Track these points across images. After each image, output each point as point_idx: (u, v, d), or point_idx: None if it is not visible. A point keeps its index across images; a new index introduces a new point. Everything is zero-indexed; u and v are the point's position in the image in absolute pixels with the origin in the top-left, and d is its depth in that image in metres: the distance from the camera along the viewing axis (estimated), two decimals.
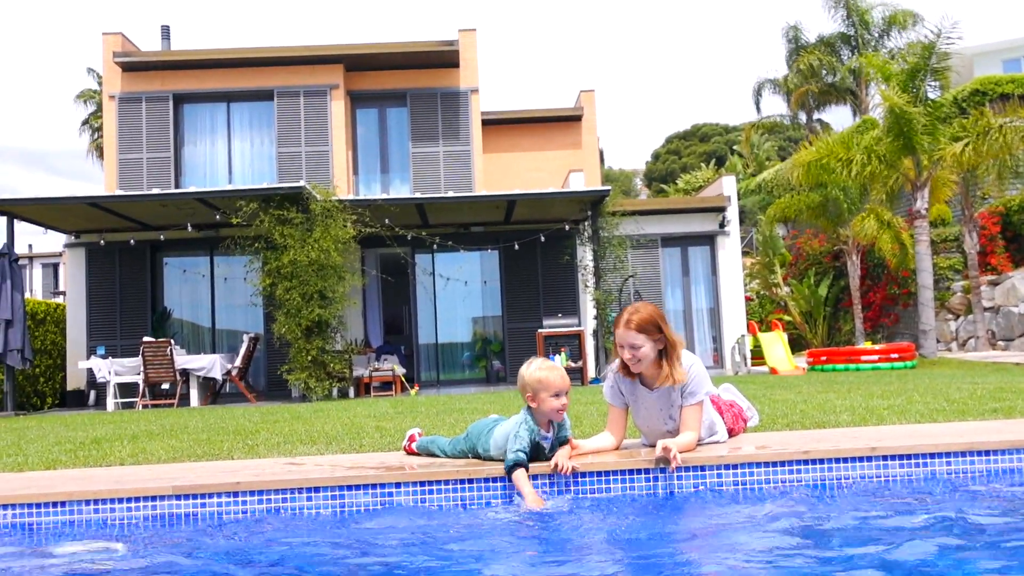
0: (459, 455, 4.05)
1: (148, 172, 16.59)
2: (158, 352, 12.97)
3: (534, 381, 3.73)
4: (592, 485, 3.70)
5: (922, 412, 5.62)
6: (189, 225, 14.24)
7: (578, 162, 18.98)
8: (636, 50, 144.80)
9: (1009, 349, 15.49)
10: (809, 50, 27.90)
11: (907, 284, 17.81)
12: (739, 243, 16.92)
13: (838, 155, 15.27)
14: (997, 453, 3.80)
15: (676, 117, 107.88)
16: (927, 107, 14.59)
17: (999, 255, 16.96)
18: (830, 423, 5.22)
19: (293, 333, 12.71)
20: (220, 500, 3.61)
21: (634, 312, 3.84)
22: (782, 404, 6.92)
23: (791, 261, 22.46)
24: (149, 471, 4.26)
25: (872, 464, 3.79)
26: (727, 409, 4.39)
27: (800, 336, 20.59)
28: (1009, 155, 14.23)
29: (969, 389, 7.56)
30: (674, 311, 16.86)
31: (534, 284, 15.94)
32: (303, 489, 3.65)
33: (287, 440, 5.72)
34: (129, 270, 15.55)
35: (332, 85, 16.80)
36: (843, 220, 17.97)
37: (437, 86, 17.29)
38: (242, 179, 16.93)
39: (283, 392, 14.74)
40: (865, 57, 18.13)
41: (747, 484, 3.74)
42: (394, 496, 3.66)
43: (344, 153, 16.77)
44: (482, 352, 16.61)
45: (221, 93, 17.05)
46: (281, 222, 12.78)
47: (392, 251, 15.14)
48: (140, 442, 6.09)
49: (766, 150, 36.01)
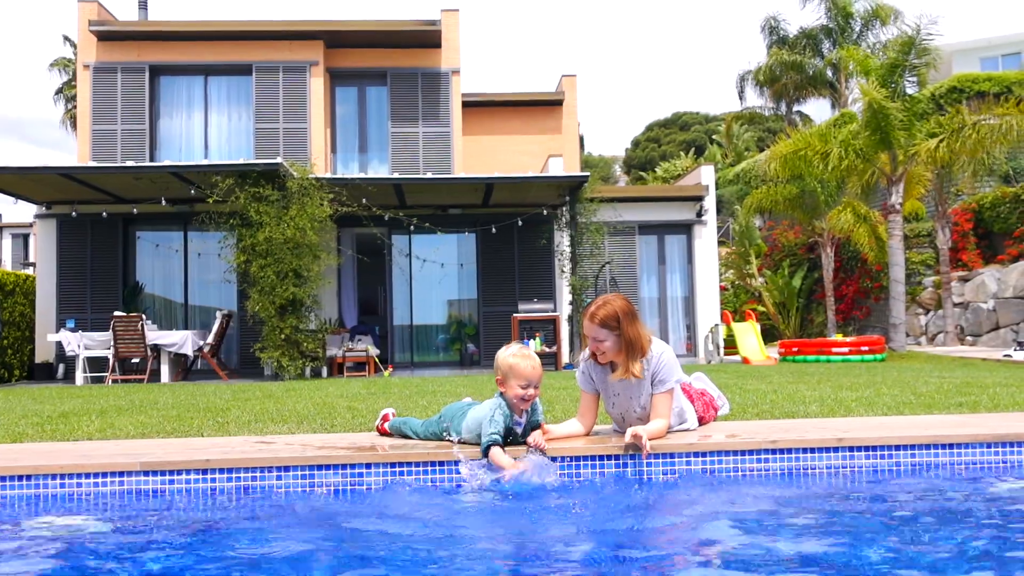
0: (431, 437, 4.06)
1: (122, 144, 16.35)
2: (129, 327, 12.83)
3: (506, 367, 3.75)
4: (562, 470, 3.72)
5: (889, 405, 5.70)
6: (163, 199, 14.08)
7: (558, 147, 18.95)
8: (619, 36, 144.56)
9: (977, 344, 15.73)
10: (789, 43, 27.99)
11: (879, 278, 18.00)
12: (715, 233, 17.00)
13: (815, 148, 15.37)
14: (960, 447, 3.87)
15: (657, 105, 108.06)
16: (905, 102, 14.71)
17: (970, 252, 17.18)
18: (799, 413, 5.29)
19: (267, 311, 12.63)
20: (189, 477, 3.59)
21: (600, 306, 3.86)
22: (753, 394, 6.99)
23: (767, 252, 22.62)
24: (117, 446, 4.23)
25: (838, 455, 3.85)
26: (698, 397, 4.43)
27: (773, 327, 20.77)
28: (983, 153, 14.39)
29: (936, 383, 7.67)
30: (649, 299, 16.93)
31: (510, 268, 15.93)
32: (273, 468, 3.64)
33: (258, 419, 5.70)
34: (101, 243, 15.36)
35: (312, 62, 16.62)
36: (819, 213, 18.11)
37: (418, 66, 17.16)
38: (218, 154, 16.74)
39: (255, 370, 14.66)
40: (845, 50, 18.22)
41: (716, 472, 3.78)
42: (364, 477, 3.66)
43: (322, 131, 16.62)
44: (457, 335, 16.60)
45: (199, 66, 16.80)
46: (257, 199, 12.67)
47: (369, 231, 15.05)
48: (109, 417, 6.04)
49: (745, 140, 36.13)
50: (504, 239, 15.61)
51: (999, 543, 2.79)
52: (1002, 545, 2.76)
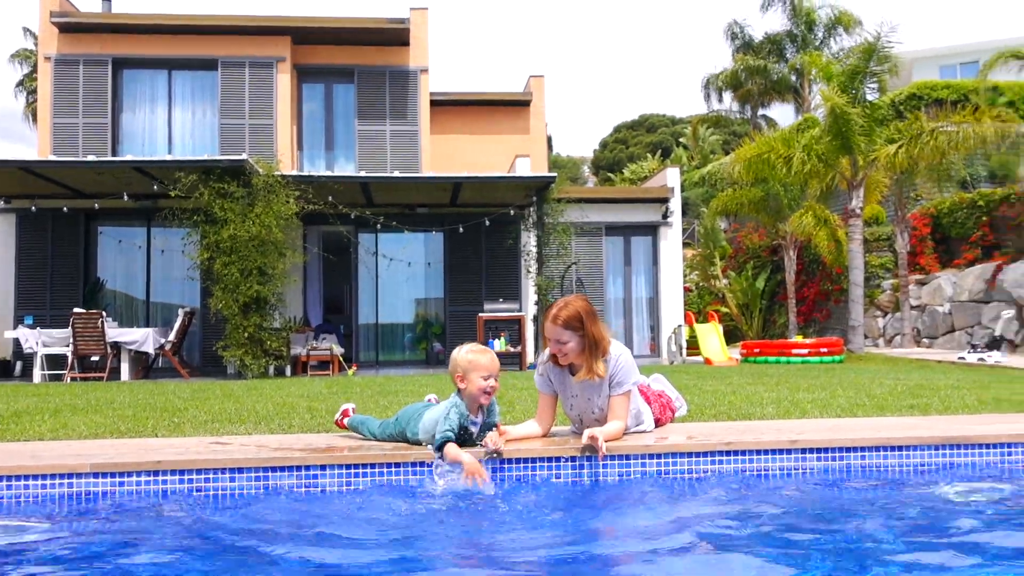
0: (388, 438, 4.06)
1: (84, 138, 16.09)
2: (88, 324, 12.64)
3: (465, 362, 3.77)
4: (519, 472, 3.74)
5: (844, 407, 5.80)
6: (125, 194, 13.88)
7: (525, 147, 18.97)
8: (587, 38, 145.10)
9: (933, 347, 16.02)
10: (754, 48, 28.27)
11: (840, 280, 18.25)
12: (681, 234, 17.14)
13: (779, 152, 15.56)
14: (908, 449, 3.96)
15: (625, 106, 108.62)
16: (865, 108, 14.94)
17: (928, 256, 17.50)
18: (756, 415, 5.35)
19: (230, 309, 12.51)
20: (140, 479, 3.55)
21: (563, 307, 3.89)
22: (712, 395, 7.06)
23: (731, 254, 22.84)
24: (68, 447, 4.17)
25: (792, 456, 3.91)
26: (655, 399, 4.47)
27: (736, 328, 20.98)
28: (941, 159, 14.66)
29: (891, 385, 7.81)
30: (615, 299, 17.02)
31: (477, 268, 15.93)
32: (227, 469, 3.61)
33: (215, 419, 5.65)
34: (61, 238, 15.10)
35: (279, 58, 16.48)
36: (782, 216, 18.32)
37: (386, 64, 17.09)
38: (182, 150, 16.54)
39: (218, 369, 14.51)
40: (808, 56, 18.46)
41: (671, 473, 3.82)
42: (320, 479, 3.65)
43: (289, 128, 16.49)
44: (423, 334, 16.56)
45: (163, 60, 16.60)
46: (221, 195, 12.54)
47: (335, 229, 14.96)
48: (63, 416, 5.95)
49: (711, 143, 36.44)
50: (471, 239, 15.61)
51: (936, 543, 2.86)
52: (940, 545, 2.83)
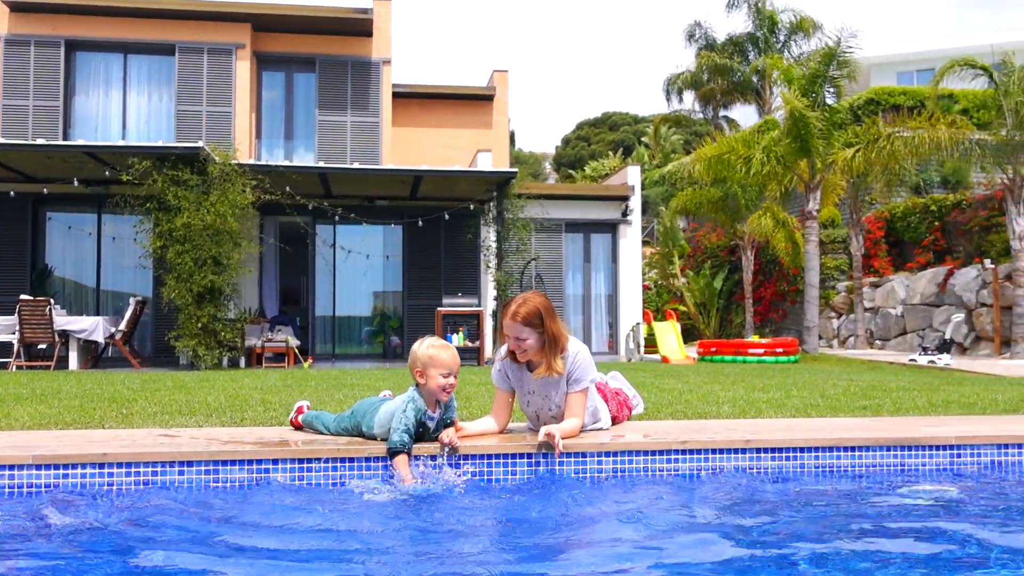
0: (343, 433, 3.99)
1: (34, 121, 15.67)
2: (36, 311, 12.31)
3: (426, 357, 3.72)
4: (474, 468, 3.70)
5: (798, 407, 5.86)
6: (76, 180, 13.54)
7: (487, 142, 18.90)
8: (552, 34, 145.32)
9: (885, 348, 16.33)
10: (717, 49, 28.50)
11: (796, 281, 18.52)
12: (640, 233, 17.23)
13: (739, 152, 15.73)
14: (861, 449, 4.00)
15: (588, 104, 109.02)
16: (824, 112, 15.16)
17: (882, 259, 17.84)
18: (712, 414, 5.38)
19: (183, 299, 12.28)
20: (85, 471, 3.44)
21: (521, 304, 3.86)
22: (669, 393, 7.10)
23: (689, 253, 23.05)
24: (10, 438, 4.04)
25: (746, 456, 3.93)
26: (612, 397, 4.46)
27: (694, 326, 21.19)
28: (896, 164, 14.93)
29: (844, 386, 7.93)
30: (574, 296, 17.06)
31: (436, 262, 15.85)
32: (175, 463, 3.52)
33: (165, 410, 5.53)
34: (8, 223, 14.69)
35: (238, 44, 16.20)
36: (741, 216, 18.53)
37: (348, 54, 16.90)
38: (136, 135, 16.18)
39: (170, 359, 14.23)
40: (770, 59, 18.69)
41: (627, 472, 3.82)
42: (271, 473, 3.58)
43: (247, 116, 16.23)
44: (380, 327, 16.43)
45: (118, 43, 16.22)
46: (176, 183, 12.29)
47: (292, 220, 14.76)
48: (6, 406, 5.77)
49: (673, 143, 36.71)
50: (431, 232, 15.51)
51: (887, 543, 2.89)
52: (892, 544, 2.86)
